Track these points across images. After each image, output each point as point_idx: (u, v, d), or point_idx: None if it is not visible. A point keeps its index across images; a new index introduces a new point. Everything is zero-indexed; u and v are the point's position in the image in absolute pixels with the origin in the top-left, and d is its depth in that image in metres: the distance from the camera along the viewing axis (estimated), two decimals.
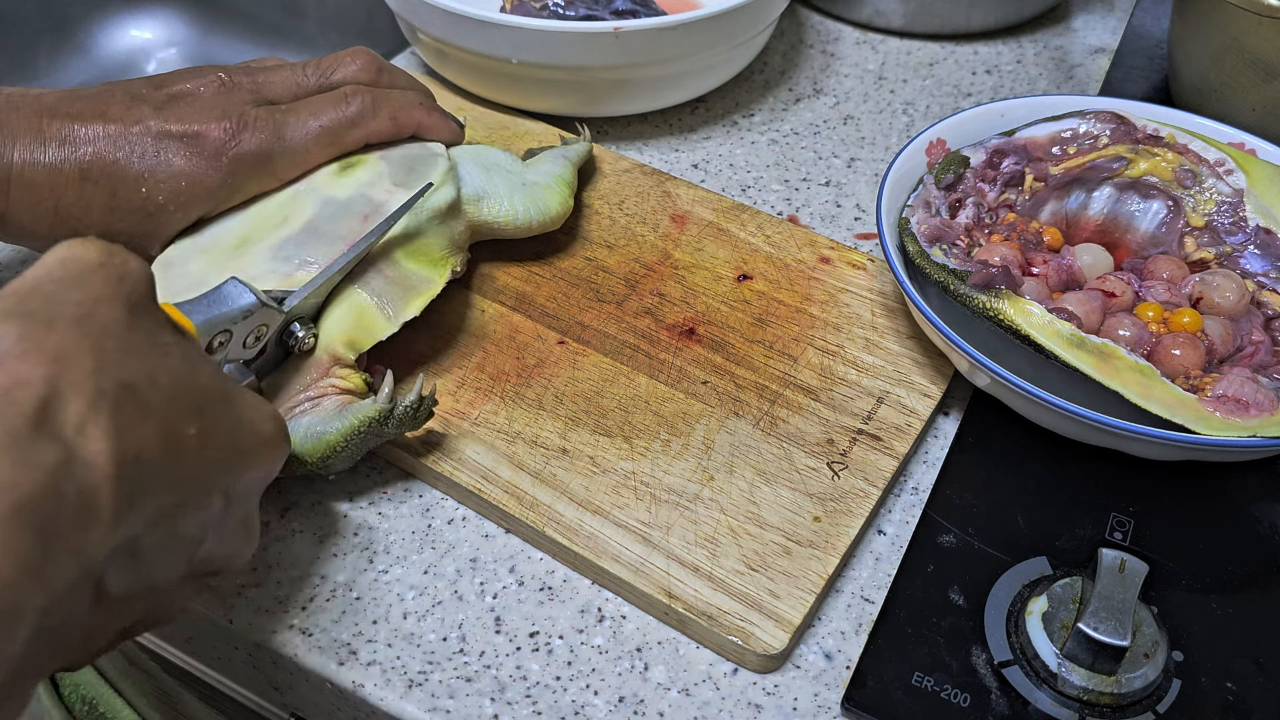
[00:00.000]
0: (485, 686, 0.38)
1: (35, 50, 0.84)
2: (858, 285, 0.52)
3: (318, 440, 0.40)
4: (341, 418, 0.40)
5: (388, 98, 0.48)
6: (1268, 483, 0.45)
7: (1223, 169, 0.50)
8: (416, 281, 0.45)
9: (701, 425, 0.45)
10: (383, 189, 0.46)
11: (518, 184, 0.51)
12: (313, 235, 0.44)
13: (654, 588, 0.39)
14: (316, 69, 0.48)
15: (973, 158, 0.51)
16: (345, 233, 0.44)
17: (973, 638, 0.39)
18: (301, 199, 0.46)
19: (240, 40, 0.90)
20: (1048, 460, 0.45)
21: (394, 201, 0.46)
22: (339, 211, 0.45)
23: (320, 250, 0.44)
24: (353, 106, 0.46)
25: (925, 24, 0.73)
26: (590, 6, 0.64)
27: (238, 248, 0.44)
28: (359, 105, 0.46)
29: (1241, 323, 0.45)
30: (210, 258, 0.44)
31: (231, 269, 0.43)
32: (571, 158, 0.55)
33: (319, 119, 0.46)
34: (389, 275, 0.45)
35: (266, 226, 0.45)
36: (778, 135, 0.65)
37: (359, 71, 0.48)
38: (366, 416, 0.40)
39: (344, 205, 0.45)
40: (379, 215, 0.45)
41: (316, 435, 0.40)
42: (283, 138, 0.45)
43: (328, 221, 0.45)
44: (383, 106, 0.47)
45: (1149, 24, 0.75)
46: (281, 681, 0.41)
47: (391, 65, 0.51)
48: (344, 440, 0.40)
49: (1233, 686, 0.38)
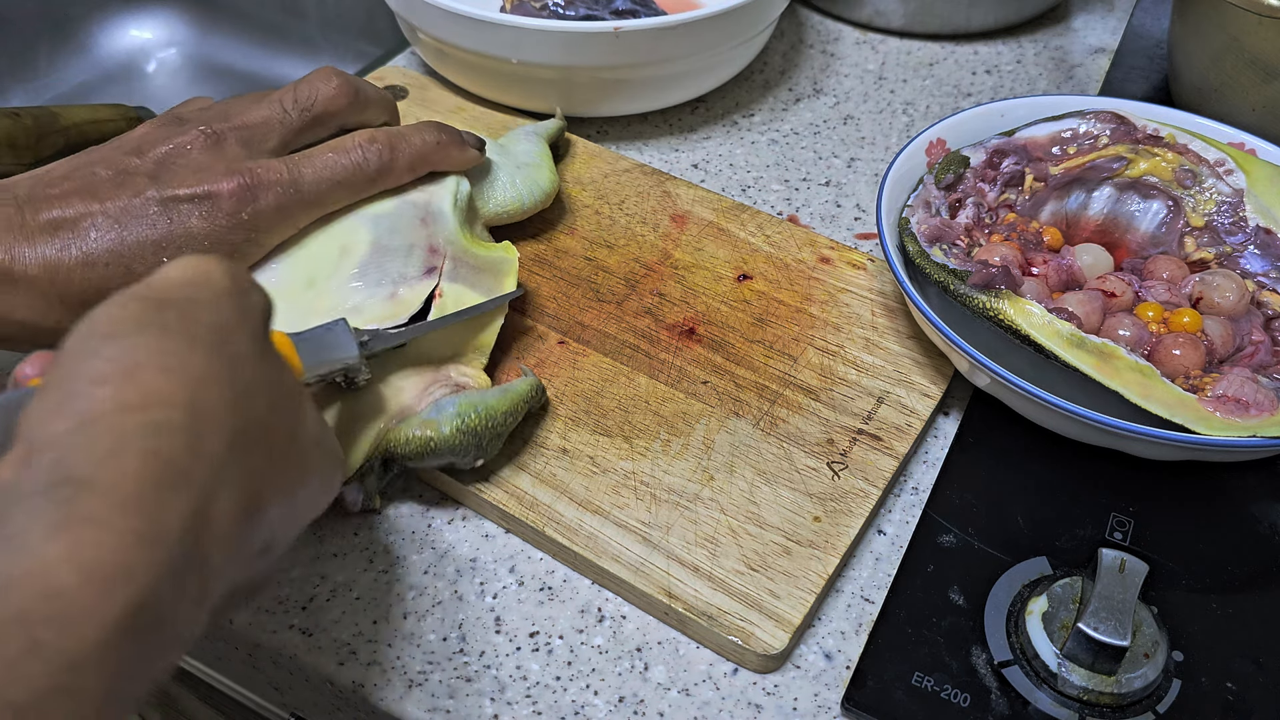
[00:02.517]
0: (485, 686, 0.38)
1: (35, 50, 0.84)
2: (858, 285, 0.52)
3: (502, 397, 0.42)
4: (512, 386, 0.43)
5: (403, 145, 0.46)
6: (1268, 483, 0.45)
7: (1223, 169, 0.50)
8: (498, 261, 0.47)
9: (701, 425, 0.45)
10: (418, 191, 0.47)
11: (513, 167, 0.52)
12: (386, 253, 0.44)
13: (654, 588, 0.39)
14: (294, 103, 0.46)
15: (973, 158, 0.51)
16: (415, 239, 0.45)
17: (973, 638, 0.39)
18: (350, 225, 0.45)
19: (240, 40, 0.90)
20: (1048, 460, 0.45)
21: (438, 198, 0.46)
22: (394, 224, 0.45)
23: (402, 265, 0.44)
24: (372, 162, 0.45)
25: (925, 24, 0.73)
26: (590, 6, 0.64)
27: (307, 288, 0.43)
28: (378, 159, 0.45)
29: (1241, 323, 0.45)
30: (285, 301, 0.43)
31: (321, 308, 0.43)
32: (542, 133, 0.56)
33: (336, 173, 0.44)
34: (471, 265, 0.45)
35: (327, 260, 0.44)
36: (778, 135, 0.65)
37: (337, 95, 0.47)
38: (534, 384, 0.43)
39: (396, 216, 0.45)
40: (433, 217, 0.46)
41: (500, 394, 0.42)
42: (300, 190, 0.43)
43: (390, 236, 0.45)
44: (400, 158, 0.46)
45: (1149, 24, 0.75)
46: (281, 681, 0.41)
47: (362, 82, 0.49)
48: (524, 400, 0.42)
49: (1233, 686, 0.38)
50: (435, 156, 0.47)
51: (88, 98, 0.85)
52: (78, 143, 0.58)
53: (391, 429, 0.41)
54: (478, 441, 0.41)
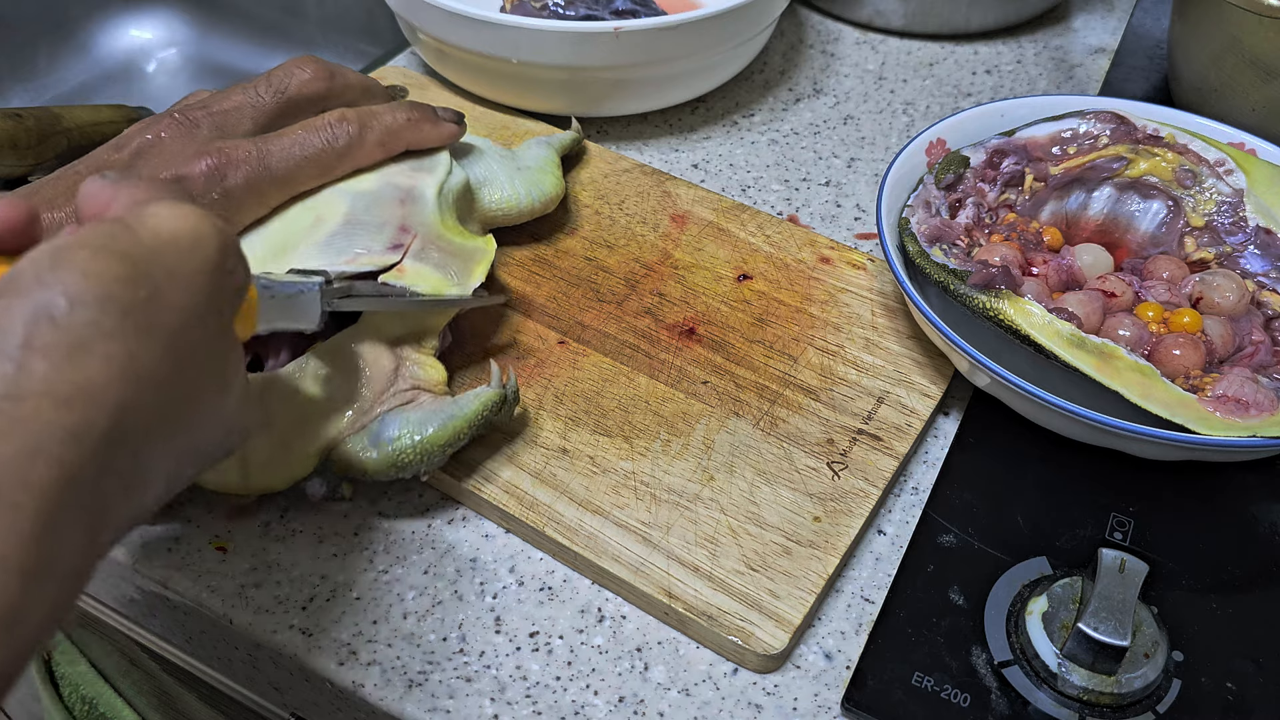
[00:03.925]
0: (485, 686, 0.38)
1: (35, 50, 0.84)
2: (858, 285, 0.52)
3: (442, 428, 0.40)
4: (461, 405, 0.41)
5: (374, 121, 0.46)
6: (1268, 483, 0.45)
7: (1223, 169, 0.50)
8: (471, 250, 0.46)
9: (701, 425, 0.45)
10: (405, 176, 0.47)
11: (514, 168, 0.52)
12: (356, 226, 0.44)
13: (654, 588, 0.39)
14: (268, 85, 0.47)
15: (973, 158, 0.51)
16: (388, 218, 0.45)
17: (973, 638, 0.39)
18: (328, 198, 0.45)
19: (240, 40, 0.90)
20: (1048, 460, 0.45)
21: (422, 184, 0.46)
22: (373, 202, 0.45)
23: (370, 239, 0.44)
24: (340, 138, 0.45)
25: (925, 24, 0.73)
26: (590, 6, 0.64)
27: (277, 256, 0.44)
28: (346, 136, 0.45)
29: (1241, 323, 0.45)
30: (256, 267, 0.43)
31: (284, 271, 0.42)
32: (555, 144, 0.56)
33: (305, 149, 0.44)
34: (443, 249, 0.45)
35: (299, 230, 0.44)
36: (778, 135, 0.65)
37: (313, 79, 0.47)
38: (490, 400, 0.42)
39: (375, 195, 0.46)
40: (412, 199, 0.45)
41: (442, 423, 0.41)
42: (270, 168, 0.44)
43: (365, 212, 0.45)
44: (370, 134, 0.46)
45: (1149, 24, 0.75)
46: (281, 681, 0.41)
47: (341, 67, 0.49)
48: (469, 426, 0.41)
49: (1233, 686, 0.38)
50: (407, 133, 0.47)
51: (88, 98, 0.85)
52: (80, 144, 0.58)
53: (340, 443, 0.41)
54: (414, 469, 0.41)
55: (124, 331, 0.26)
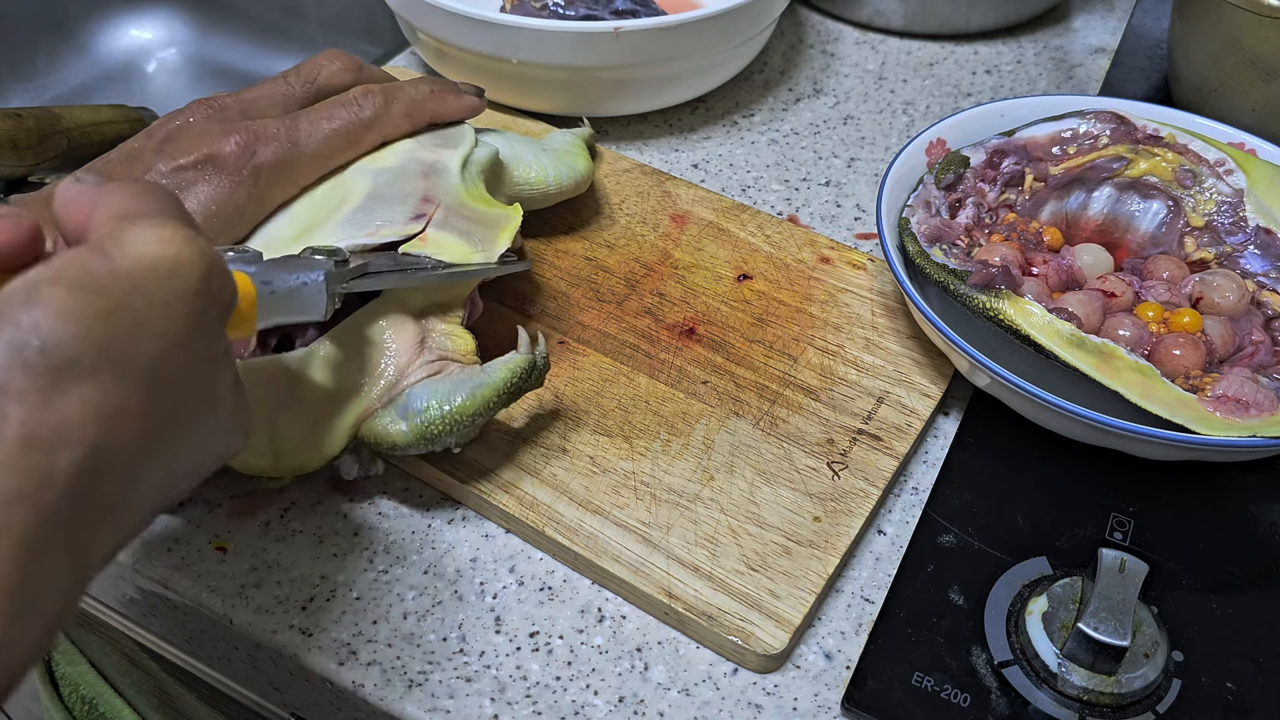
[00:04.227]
0: (485, 686, 0.38)
1: (35, 50, 0.84)
2: (858, 285, 0.52)
3: (471, 397, 0.40)
4: (489, 373, 0.41)
5: (400, 94, 0.47)
6: (1268, 483, 0.45)
7: (1223, 169, 0.50)
8: (496, 217, 0.45)
9: (701, 425, 0.45)
10: (429, 151, 0.47)
11: (539, 150, 0.53)
12: (379, 200, 0.44)
13: (654, 588, 0.39)
14: (298, 76, 0.47)
15: (973, 158, 0.51)
16: (411, 190, 0.44)
17: (973, 638, 0.39)
18: (353, 178, 0.45)
19: (240, 40, 0.90)
20: (1048, 460, 0.45)
21: (446, 157, 0.46)
22: (396, 176, 0.45)
23: (392, 211, 0.43)
24: (366, 109, 0.45)
25: (925, 24, 0.73)
26: (590, 6, 0.64)
27: (303, 236, 0.43)
28: (372, 107, 0.46)
29: (1241, 323, 0.45)
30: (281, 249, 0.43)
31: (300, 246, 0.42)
32: (580, 133, 0.57)
33: (332, 122, 0.45)
34: (467, 217, 0.44)
35: (325, 210, 0.44)
36: (778, 135, 0.65)
37: (341, 71, 0.48)
38: (519, 367, 0.41)
39: (399, 170, 0.45)
40: (435, 171, 0.45)
41: (470, 391, 0.40)
42: (298, 144, 0.44)
43: (388, 186, 0.45)
44: (395, 104, 0.46)
45: (1149, 24, 0.75)
46: (281, 681, 0.41)
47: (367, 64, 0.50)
48: (498, 395, 0.40)
49: (1233, 686, 0.38)
50: (431, 103, 0.48)
51: (88, 98, 0.85)
52: (80, 144, 0.58)
53: (369, 417, 0.40)
54: (444, 441, 0.40)
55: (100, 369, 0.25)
